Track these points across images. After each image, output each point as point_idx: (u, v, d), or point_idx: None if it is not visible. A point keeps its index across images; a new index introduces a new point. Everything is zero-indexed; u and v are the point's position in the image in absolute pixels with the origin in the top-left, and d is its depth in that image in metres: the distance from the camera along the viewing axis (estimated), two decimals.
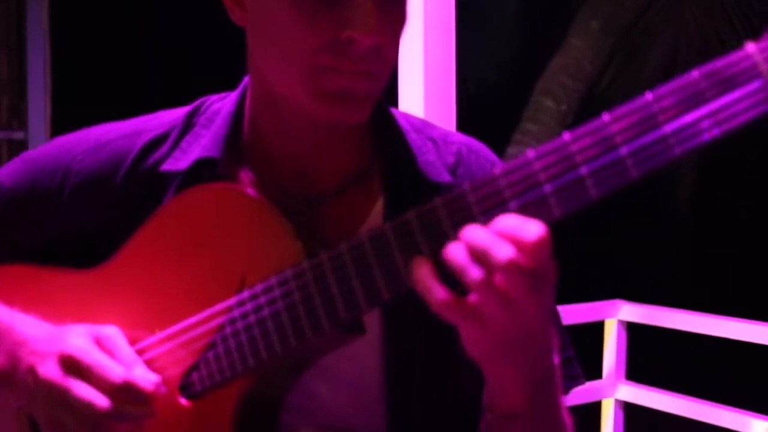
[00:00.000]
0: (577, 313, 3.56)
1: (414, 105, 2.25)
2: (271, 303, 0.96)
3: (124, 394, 0.98)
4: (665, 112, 0.80)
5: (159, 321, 1.05)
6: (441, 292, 0.85)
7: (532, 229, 0.83)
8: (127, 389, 0.98)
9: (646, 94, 0.81)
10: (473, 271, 0.83)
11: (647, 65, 7.78)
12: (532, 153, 0.85)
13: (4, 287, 1.17)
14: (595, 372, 3.64)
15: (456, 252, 0.85)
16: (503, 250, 0.82)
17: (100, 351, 1.01)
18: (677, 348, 6.45)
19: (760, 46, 0.78)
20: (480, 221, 0.86)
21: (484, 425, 1.01)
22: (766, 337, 3.29)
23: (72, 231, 1.16)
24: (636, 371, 3.80)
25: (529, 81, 7.32)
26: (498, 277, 0.83)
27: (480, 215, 0.86)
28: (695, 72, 0.80)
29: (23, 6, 4.89)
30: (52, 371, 1.01)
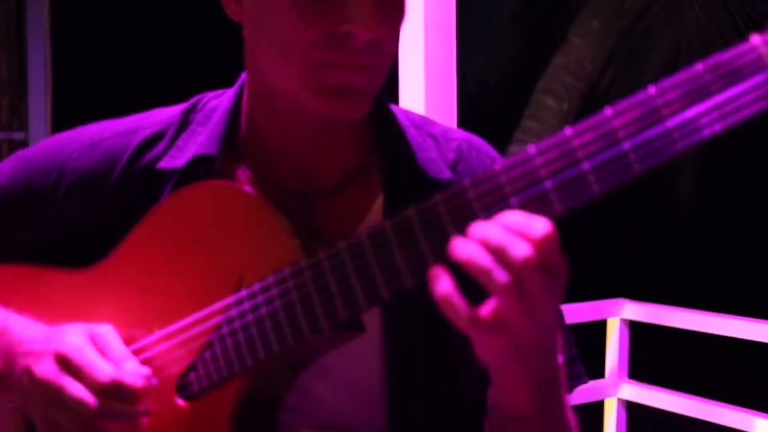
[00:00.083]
0: (580, 312, 3.55)
1: (415, 106, 2.24)
2: (269, 302, 0.95)
3: (113, 392, 0.97)
4: (669, 105, 0.79)
5: (156, 320, 1.04)
6: (468, 309, 0.81)
7: (538, 226, 0.81)
8: (116, 387, 0.97)
9: (649, 87, 0.80)
10: (500, 275, 0.80)
11: (648, 64, 7.77)
12: (533, 148, 0.83)
13: None
14: (598, 371, 3.62)
15: (476, 254, 0.80)
16: (520, 247, 0.79)
17: (92, 349, 1.00)
18: (680, 347, 6.45)
19: (765, 38, 0.77)
20: (481, 218, 0.84)
21: (488, 426, 0.99)
22: None
23: (67, 230, 1.15)
24: (639, 370, 3.79)
25: (530, 81, 7.32)
26: (520, 278, 0.79)
27: (480, 212, 0.84)
28: (699, 65, 0.79)
29: (23, 6, 4.89)
30: (47, 370, 1.00)
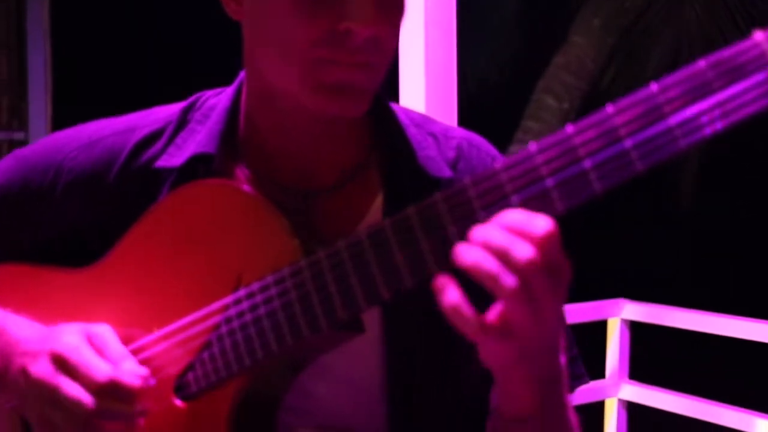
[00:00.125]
0: (580, 312, 3.54)
1: (415, 104, 2.23)
2: (268, 301, 0.95)
3: (110, 392, 0.97)
4: (671, 103, 0.78)
5: (154, 319, 1.03)
6: (477, 318, 0.80)
7: (540, 224, 0.79)
8: (113, 387, 0.97)
9: (651, 84, 0.79)
10: (508, 279, 0.78)
11: (649, 63, 7.77)
12: (534, 146, 0.82)
13: None
14: (598, 371, 3.62)
15: (482, 259, 0.79)
16: (523, 249, 0.78)
17: (89, 349, 1.00)
18: (680, 347, 6.45)
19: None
20: (481, 216, 0.83)
21: (491, 427, 0.99)
22: None
23: (65, 229, 1.14)
24: (639, 370, 3.79)
25: (530, 80, 7.32)
26: (526, 280, 0.78)
27: (481, 210, 0.84)
28: (702, 62, 0.78)
29: (23, 6, 4.89)
30: (43, 370, 1.00)
